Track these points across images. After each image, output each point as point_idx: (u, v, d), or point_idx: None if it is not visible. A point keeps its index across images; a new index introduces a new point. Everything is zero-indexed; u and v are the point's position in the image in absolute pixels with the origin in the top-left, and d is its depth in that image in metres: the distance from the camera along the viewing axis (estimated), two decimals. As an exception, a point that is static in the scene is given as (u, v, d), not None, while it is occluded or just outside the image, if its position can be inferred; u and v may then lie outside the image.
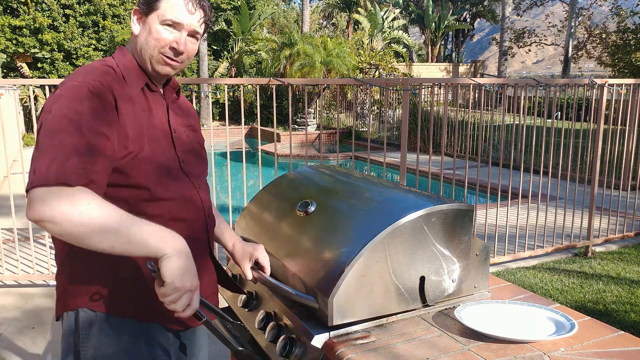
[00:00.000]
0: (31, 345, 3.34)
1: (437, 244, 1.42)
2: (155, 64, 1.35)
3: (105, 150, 1.18)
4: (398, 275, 1.38)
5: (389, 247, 1.33)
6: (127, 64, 1.36)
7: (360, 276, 1.31)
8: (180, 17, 1.33)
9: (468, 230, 1.46)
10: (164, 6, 1.32)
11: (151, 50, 1.34)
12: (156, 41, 1.33)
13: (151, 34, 1.33)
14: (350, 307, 1.32)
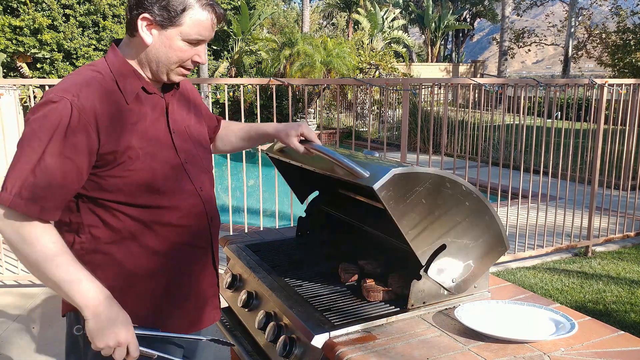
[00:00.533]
0: (31, 345, 3.34)
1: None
2: (173, 76, 1.33)
3: (66, 179, 1.19)
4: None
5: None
6: (122, 69, 1.30)
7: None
8: (205, 35, 1.30)
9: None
10: (188, 22, 1.26)
11: (170, 64, 1.30)
12: (179, 57, 1.29)
13: (173, 50, 1.28)
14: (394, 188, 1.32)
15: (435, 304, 1.50)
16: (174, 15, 1.24)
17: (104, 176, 1.24)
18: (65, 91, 1.20)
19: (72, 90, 1.20)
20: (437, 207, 1.41)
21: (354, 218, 1.95)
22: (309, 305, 1.51)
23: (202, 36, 1.29)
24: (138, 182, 1.26)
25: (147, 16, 1.24)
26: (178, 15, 1.24)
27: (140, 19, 1.25)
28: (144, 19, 1.25)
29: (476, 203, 1.46)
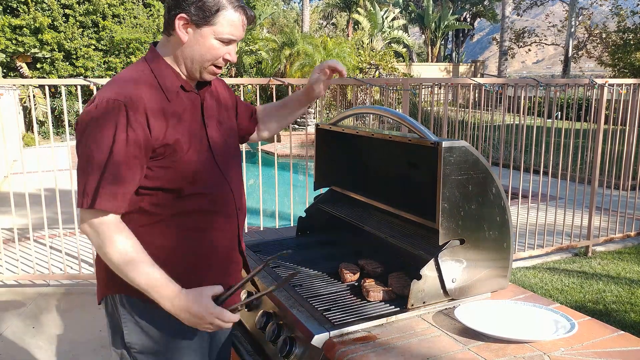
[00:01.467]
0: (32, 344, 3.34)
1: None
2: (205, 74, 1.43)
3: (134, 174, 1.30)
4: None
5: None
6: (164, 70, 1.39)
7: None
8: (236, 35, 1.39)
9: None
10: (222, 22, 1.35)
11: (205, 62, 1.39)
12: (212, 55, 1.38)
13: (206, 48, 1.37)
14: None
15: (435, 303, 1.50)
16: (209, 15, 1.34)
17: (152, 167, 1.34)
18: (117, 93, 1.29)
19: (123, 91, 1.29)
20: (475, 201, 1.47)
21: (354, 218, 1.96)
22: (309, 305, 1.51)
23: (233, 36, 1.38)
24: (178, 172, 1.36)
25: (183, 16, 1.34)
26: (212, 15, 1.34)
27: (178, 18, 1.35)
28: (181, 19, 1.34)
29: (503, 224, 1.53)
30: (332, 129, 1.98)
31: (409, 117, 1.58)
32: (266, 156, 11.04)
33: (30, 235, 4.23)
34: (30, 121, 14.06)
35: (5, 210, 6.10)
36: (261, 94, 16.19)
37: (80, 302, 3.97)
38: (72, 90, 13.73)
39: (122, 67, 15.70)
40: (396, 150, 1.88)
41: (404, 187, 1.90)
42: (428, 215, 1.52)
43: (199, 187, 1.40)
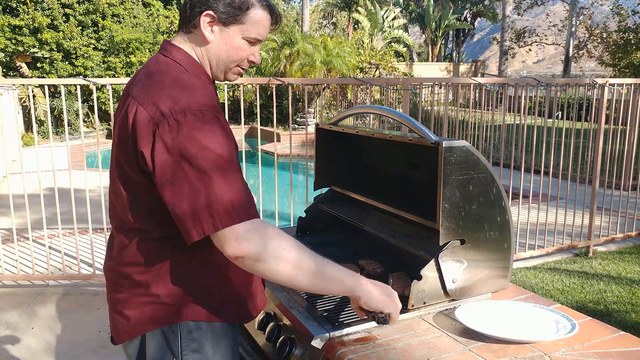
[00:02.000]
0: (31, 345, 3.33)
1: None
2: (230, 75, 1.36)
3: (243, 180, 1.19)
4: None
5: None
6: (201, 74, 1.31)
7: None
8: (263, 35, 1.32)
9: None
10: (250, 21, 1.28)
11: (230, 63, 1.33)
12: (238, 56, 1.32)
13: (233, 49, 1.30)
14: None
15: (435, 304, 1.49)
16: (238, 13, 1.26)
17: None
18: (201, 104, 1.17)
19: (200, 99, 1.18)
20: (476, 201, 1.47)
21: (354, 218, 1.95)
22: (309, 305, 1.51)
23: (260, 35, 1.31)
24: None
25: (210, 13, 1.25)
26: (242, 13, 1.27)
27: (204, 15, 1.26)
28: (207, 15, 1.26)
29: (504, 224, 1.53)
30: (332, 128, 1.98)
31: (409, 116, 1.57)
32: (266, 156, 11.04)
33: (29, 235, 4.23)
34: (29, 121, 14.05)
35: (4, 210, 6.10)
36: (261, 93, 16.22)
37: (79, 302, 3.96)
38: (71, 90, 13.72)
39: (122, 67, 15.70)
40: (396, 150, 1.88)
41: (404, 187, 1.89)
42: (428, 215, 1.51)
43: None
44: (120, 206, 1.28)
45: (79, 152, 10.23)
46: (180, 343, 1.28)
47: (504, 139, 4.70)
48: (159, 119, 1.13)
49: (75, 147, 10.87)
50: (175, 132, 1.12)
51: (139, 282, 1.27)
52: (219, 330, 1.30)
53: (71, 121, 14.37)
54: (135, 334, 1.30)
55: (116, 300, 1.32)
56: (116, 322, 1.32)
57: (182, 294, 1.27)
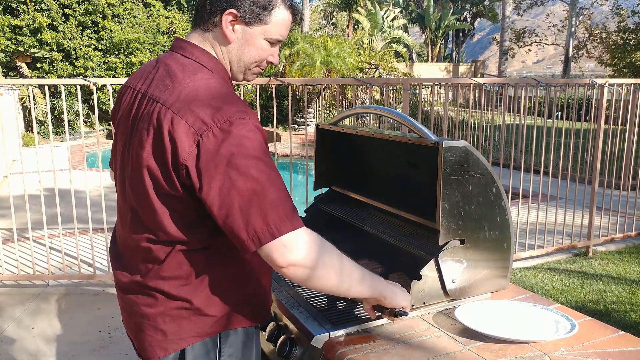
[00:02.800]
0: (31, 345, 3.33)
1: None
2: (249, 75, 1.33)
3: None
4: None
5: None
6: (225, 75, 1.28)
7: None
8: (284, 35, 1.29)
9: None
10: (274, 21, 1.24)
11: (250, 63, 1.30)
12: (260, 56, 1.29)
13: (255, 48, 1.26)
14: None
15: (435, 304, 1.50)
16: (262, 13, 1.22)
17: None
18: (247, 114, 1.14)
19: (238, 106, 1.14)
20: (476, 201, 1.47)
21: (354, 218, 1.95)
22: (309, 305, 1.51)
23: (282, 36, 1.28)
24: None
25: (234, 12, 1.21)
26: (266, 13, 1.23)
27: (226, 14, 1.21)
28: (230, 14, 1.21)
29: (503, 224, 1.53)
30: (332, 129, 1.98)
31: (409, 117, 1.57)
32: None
33: (30, 235, 4.23)
34: (29, 121, 14.05)
35: (4, 210, 6.10)
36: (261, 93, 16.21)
37: (79, 302, 3.96)
38: (71, 90, 13.72)
39: (122, 67, 15.71)
40: (396, 150, 1.88)
41: (404, 187, 1.89)
42: (428, 215, 1.51)
43: None
44: (151, 219, 1.20)
45: (79, 152, 10.23)
46: (219, 351, 1.27)
47: (503, 139, 4.71)
48: (201, 128, 1.09)
49: (75, 147, 10.87)
50: (221, 142, 1.08)
51: (177, 296, 1.23)
52: (250, 333, 1.33)
53: (71, 121, 14.37)
54: (173, 349, 1.26)
55: (146, 317, 1.26)
56: (148, 338, 1.27)
57: (221, 304, 1.25)
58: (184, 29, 17.40)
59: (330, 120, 2.00)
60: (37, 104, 13.00)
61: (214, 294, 1.24)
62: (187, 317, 1.24)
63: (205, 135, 1.08)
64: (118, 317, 3.67)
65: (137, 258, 1.27)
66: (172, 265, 1.22)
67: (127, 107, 1.28)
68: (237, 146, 1.08)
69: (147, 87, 1.23)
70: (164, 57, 1.28)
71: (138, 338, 1.31)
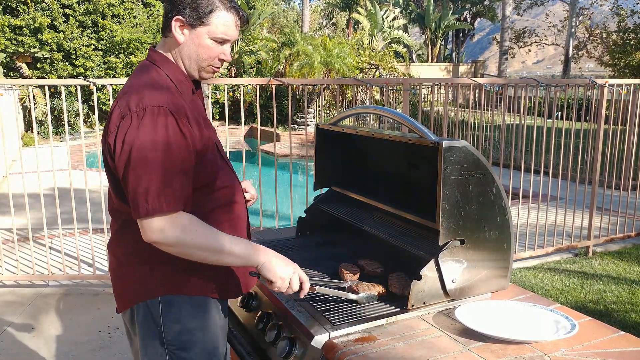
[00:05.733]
0: (31, 345, 3.33)
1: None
2: (204, 74, 1.50)
3: (189, 170, 1.36)
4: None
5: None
6: (178, 74, 1.46)
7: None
8: (230, 35, 1.45)
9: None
10: (215, 22, 1.42)
11: (201, 62, 1.46)
12: (207, 55, 1.45)
13: (202, 48, 1.44)
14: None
15: (435, 304, 1.49)
16: (202, 16, 1.41)
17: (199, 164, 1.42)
18: (160, 97, 1.34)
19: (164, 97, 1.34)
20: (476, 201, 1.47)
21: (354, 218, 1.95)
22: (309, 305, 1.51)
23: (227, 35, 1.44)
24: (208, 171, 1.45)
25: (179, 17, 1.41)
26: (206, 16, 1.41)
27: (174, 20, 1.42)
28: (177, 20, 1.41)
29: (503, 225, 1.53)
30: (332, 129, 1.98)
31: (409, 117, 1.57)
32: (266, 156, 11.04)
33: (30, 236, 4.23)
34: (29, 121, 14.05)
35: (4, 210, 6.10)
36: (261, 93, 16.21)
37: (79, 302, 3.96)
38: (71, 90, 13.72)
39: (122, 67, 15.70)
40: (396, 150, 1.88)
41: (404, 187, 1.89)
42: (428, 215, 1.51)
43: (223, 181, 1.50)
44: (109, 192, 1.48)
45: (79, 152, 10.23)
46: (162, 314, 1.43)
47: (503, 139, 4.70)
48: (125, 112, 1.32)
49: (75, 147, 10.86)
50: (130, 123, 1.29)
51: (123, 259, 1.47)
52: (201, 304, 1.46)
53: (71, 121, 14.37)
54: (125, 306, 1.50)
55: (114, 275, 1.52)
56: (116, 293, 1.54)
57: (162, 269, 1.42)
58: (184, 29, 17.38)
59: (330, 120, 2.00)
60: (37, 104, 13.00)
61: (156, 262, 1.42)
62: (134, 278, 1.45)
63: (125, 118, 1.31)
64: (118, 317, 3.66)
65: (111, 225, 1.53)
66: (120, 232, 1.47)
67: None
68: (142, 130, 1.28)
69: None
70: (139, 63, 1.54)
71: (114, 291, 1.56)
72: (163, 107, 1.31)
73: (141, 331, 1.46)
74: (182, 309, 1.44)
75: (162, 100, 1.33)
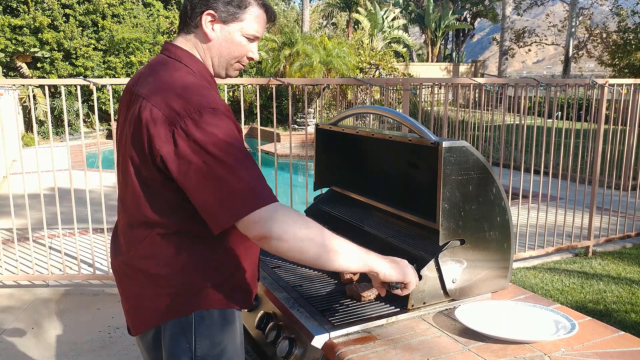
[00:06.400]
0: (31, 345, 3.33)
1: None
2: (231, 71, 1.44)
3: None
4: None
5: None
6: (205, 73, 1.38)
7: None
8: (261, 32, 1.41)
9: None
10: (248, 18, 1.36)
11: (231, 60, 1.40)
12: (239, 53, 1.39)
13: (234, 45, 1.38)
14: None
15: (435, 304, 1.49)
16: (237, 12, 1.34)
17: None
18: (214, 98, 1.25)
19: (210, 98, 1.24)
20: (476, 201, 1.47)
21: (354, 218, 1.95)
22: (309, 305, 1.51)
23: (258, 32, 1.40)
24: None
25: (211, 12, 1.33)
26: (240, 11, 1.35)
27: (205, 14, 1.33)
28: (209, 15, 1.33)
29: (503, 225, 1.53)
30: (332, 129, 1.98)
31: (409, 117, 1.57)
32: (266, 156, 11.05)
33: (30, 236, 4.23)
34: (29, 121, 14.05)
35: (4, 210, 6.10)
36: (261, 93, 16.21)
37: (79, 302, 3.96)
38: (71, 90, 13.72)
39: (122, 67, 15.70)
40: (396, 150, 1.88)
41: (404, 187, 1.89)
42: (428, 215, 1.51)
43: None
44: (134, 203, 1.31)
45: (79, 152, 10.23)
46: (194, 331, 1.32)
47: (503, 139, 4.71)
48: (175, 118, 1.19)
49: (75, 147, 10.87)
50: (193, 129, 1.17)
51: (155, 275, 1.31)
52: (228, 316, 1.36)
53: (71, 121, 14.37)
54: (152, 325, 1.35)
55: (131, 294, 1.37)
56: (133, 314, 1.39)
57: (196, 284, 1.31)
58: (184, 29, 17.39)
59: (330, 120, 2.00)
60: (37, 104, 13.00)
61: (188, 276, 1.31)
62: (162, 296, 1.32)
63: (179, 125, 1.19)
64: (118, 317, 3.66)
65: (124, 240, 1.39)
66: (151, 245, 1.31)
67: (123, 106, 1.40)
68: (208, 133, 1.18)
69: (137, 86, 1.35)
70: (153, 59, 1.41)
71: (126, 312, 1.42)
72: (215, 106, 1.22)
73: (168, 350, 1.34)
74: (213, 323, 1.34)
75: (210, 99, 1.23)
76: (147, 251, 1.32)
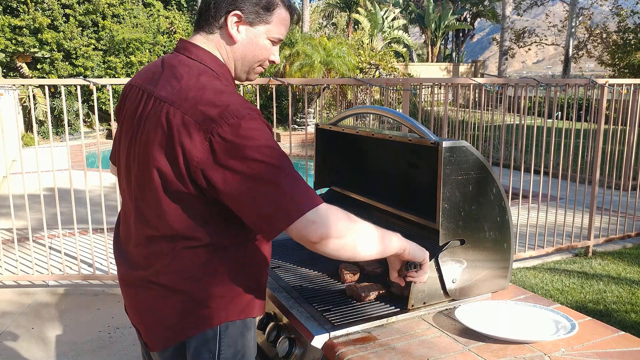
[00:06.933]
0: (31, 345, 3.33)
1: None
2: (252, 75, 1.38)
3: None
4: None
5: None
6: (228, 76, 1.32)
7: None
8: (284, 35, 1.34)
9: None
10: (275, 21, 1.30)
11: (254, 63, 1.34)
12: (263, 56, 1.34)
13: (259, 48, 1.32)
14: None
15: (435, 304, 1.49)
16: (265, 13, 1.28)
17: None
18: (247, 105, 1.19)
19: (241, 102, 1.19)
20: (476, 202, 1.47)
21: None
22: (309, 305, 1.51)
23: (282, 35, 1.34)
24: None
25: (238, 13, 1.26)
26: (268, 14, 1.28)
27: (231, 15, 1.26)
28: (235, 16, 1.27)
29: (503, 225, 1.53)
30: (332, 129, 1.98)
31: (409, 117, 1.57)
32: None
33: (30, 236, 4.23)
34: (29, 121, 14.05)
35: (4, 210, 6.10)
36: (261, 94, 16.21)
37: (79, 302, 3.96)
38: (71, 90, 13.72)
39: (122, 67, 15.70)
40: (396, 150, 1.88)
41: (404, 187, 1.89)
42: (428, 215, 1.51)
43: None
44: (156, 215, 1.24)
45: (79, 152, 10.23)
46: (219, 341, 1.29)
47: (503, 139, 4.70)
48: (211, 126, 1.12)
49: (75, 147, 10.87)
50: (232, 137, 1.12)
51: (178, 290, 1.26)
52: (248, 324, 1.35)
53: (71, 121, 14.36)
54: (175, 341, 1.29)
55: (149, 309, 1.30)
56: (153, 330, 1.31)
57: (220, 297, 1.27)
58: (184, 29, 17.40)
59: (330, 120, 2.00)
60: (37, 104, 13.00)
61: (213, 288, 1.26)
62: (187, 310, 1.26)
63: (216, 132, 1.12)
64: (118, 317, 3.66)
65: (141, 252, 1.30)
66: (175, 260, 1.24)
67: (133, 106, 1.30)
68: (248, 138, 1.12)
69: (154, 88, 1.26)
70: (169, 59, 1.31)
71: (142, 328, 1.35)
72: (249, 111, 1.15)
73: None
74: (236, 332, 1.31)
75: (243, 104, 1.16)
76: (171, 265, 1.25)
